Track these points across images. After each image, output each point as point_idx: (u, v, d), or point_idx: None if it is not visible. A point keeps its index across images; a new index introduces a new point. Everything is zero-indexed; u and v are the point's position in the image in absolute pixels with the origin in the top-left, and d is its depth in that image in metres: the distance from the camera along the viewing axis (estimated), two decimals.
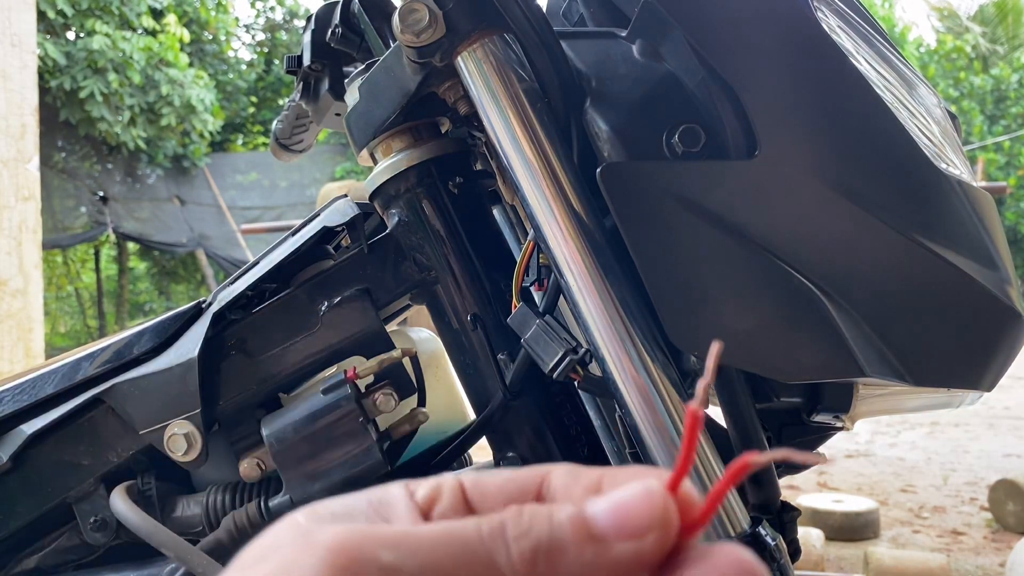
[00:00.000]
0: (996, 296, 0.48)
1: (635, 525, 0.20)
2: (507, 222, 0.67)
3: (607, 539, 0.20)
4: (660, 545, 0.21)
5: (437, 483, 0.25)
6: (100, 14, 9.90)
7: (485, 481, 0.25)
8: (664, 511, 0.21)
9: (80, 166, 10.94)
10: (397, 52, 0.54)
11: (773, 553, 0.47)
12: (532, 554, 0.21)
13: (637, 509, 0.21)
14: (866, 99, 0.46)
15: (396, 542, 0.21)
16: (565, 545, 0.21)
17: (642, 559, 0.21)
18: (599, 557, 0.20)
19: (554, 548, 0.21)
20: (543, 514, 0.21)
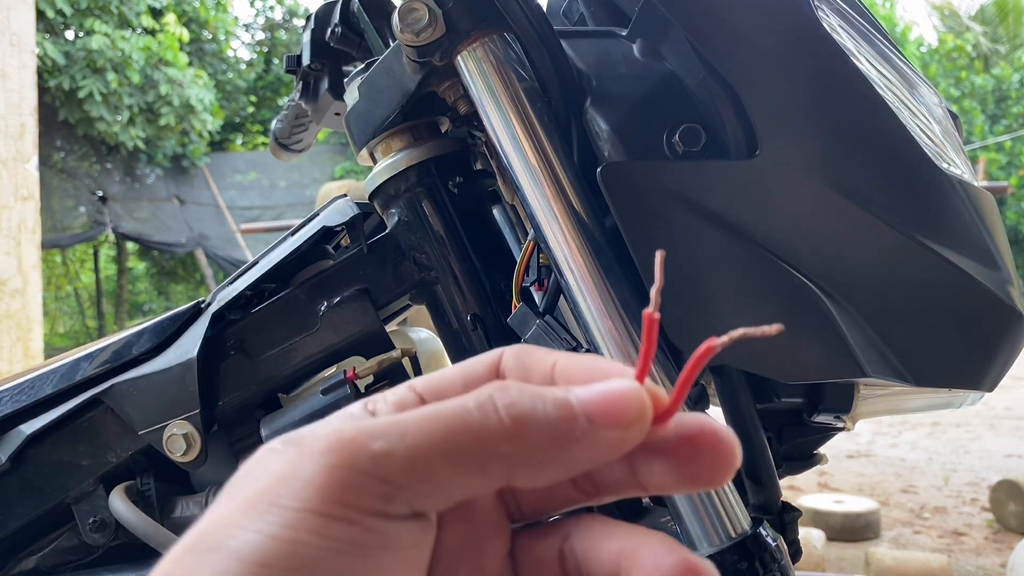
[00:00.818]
0: (997, 296, 0.48)
1: (621, 416, 0.22)
2: (507, 222, 0.66)
3: (593, 423, 0.22)
4: (639, 435, 0.22)
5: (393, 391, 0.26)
6: (99, 13, 9.89)
7: (438, 379, 0.26)
8: (644, 404, 0.22)
9: (79, 166, 10.94)
10: (397, 51, 0.53)
11: (774, 554, 0.47)
12: (524, 420, 0.22)
13: (623, 401, 0.22)
14: (867, 99, 0.46)
15: (385, 430, 0.22)
16: (554, 419, 0.22)
17: (617, 445, 0.22)
18: (581, 434, 0.22)
19: (544, 419, 0.22)
20: (529, 390, 0.22)
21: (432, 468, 0.21)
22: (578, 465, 0.22)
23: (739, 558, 0.46)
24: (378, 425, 0.22)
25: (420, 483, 0.21)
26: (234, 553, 0.20)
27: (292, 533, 0.20)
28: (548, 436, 0.22)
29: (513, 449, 0.22)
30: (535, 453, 0.22)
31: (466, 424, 0.22)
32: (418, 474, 0.21)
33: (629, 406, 0.22)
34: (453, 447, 0.21)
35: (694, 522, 0.46)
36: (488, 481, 0.22)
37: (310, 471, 0.21)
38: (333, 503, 0.21)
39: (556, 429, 0.22)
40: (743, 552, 0.46)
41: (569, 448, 0.22)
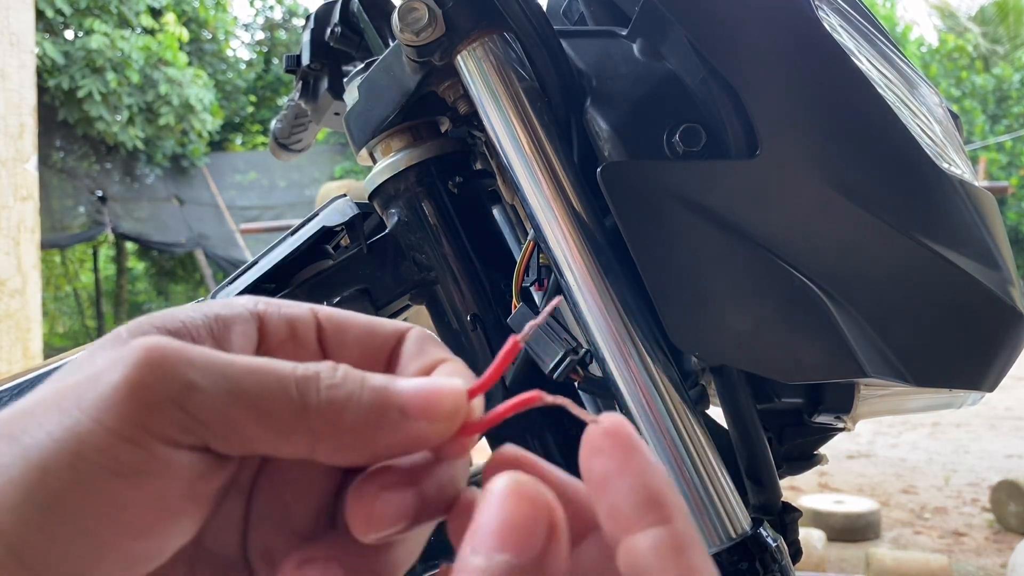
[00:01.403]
0: (998, 296, 0.47)
1: (433, 411, 0.24)
2: (507, 222, 0.66)
3: (405, 413, 0.23)
4: (443, 434, 0.24)
5: (292, 313, 0.27)
6: (99, 13, 9.89)
7: (345, 323, 0.27)
8: (456, 410, 0.24)
9: (78, 166, 10.94)
10: (396, 51, 0.53)
11: (774, 554, 0.47)
12: (340, 403, 0.23)
13: (440, 399, 0.24)
14: (868, 98, 0.46)
15: (207, 364, 0.22)
16: (369, 405, 0.23)
17: (422, 439, 0.24)
18: (393, 424, 0.23)
19: (359, 405, 0.23)
20: (357, 375, 0.24)
21: (238, 419, 0.22)
22: (382, 452, 0.24)
23: (739, 558, 0.46)
24: (203, 357, 0.22)
25: (221, 427, 0.22)
26: (24, 450, 0.21)
27: (78, 445, 0.20)
28: (357, 422, 0.23)
29: (321, 427, 0.22)
30: (340, 435, 0.23)
31: (286, 391, 0.22)
32: (222, 419, 0.22)
33: (443, 401, 0.24)
34: (266, 407, 0.22)
35: (694, 522, 0.46)
36: (290, 448, 0.23)
37: (118, 380, 0.21)
38: (127, 422, 0.21)
39: (367, 417, 0.23)
40: (743, 552, 0.46)
41: (376, 435, 0.23)
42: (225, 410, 0.21)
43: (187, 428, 0.21)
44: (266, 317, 0.26)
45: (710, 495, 0.46)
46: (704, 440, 0.47)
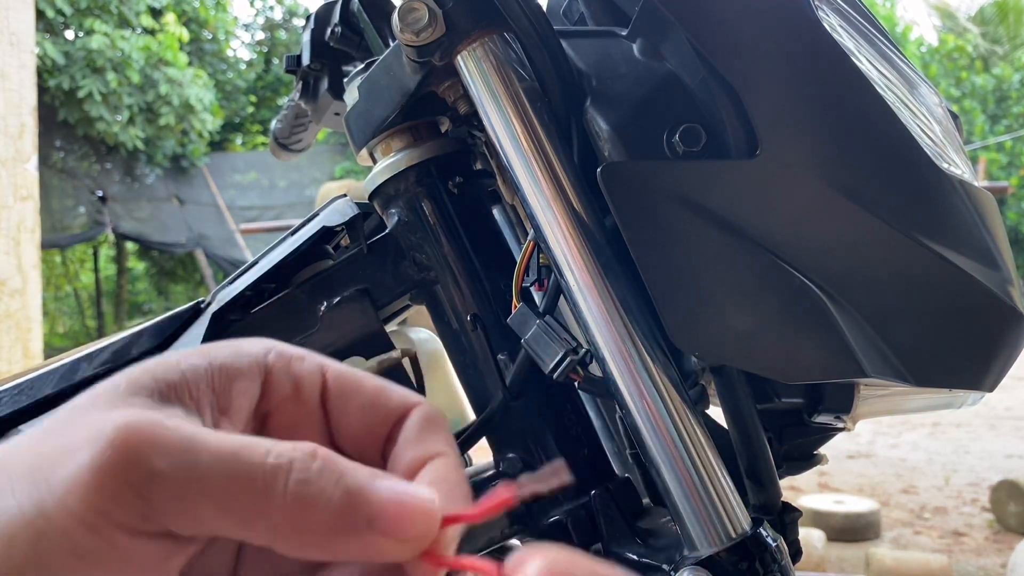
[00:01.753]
0: (998, 296, 0.47)
1: (400, 529, 0.22)
2: (507, 222, 0.66)
3: (372, 527, 0.22)
4: (406, 554, 0.23)
5: (299, 372, 0.26)
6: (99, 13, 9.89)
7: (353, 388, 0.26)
8: (425, 534, 0.23)
9: (79, 166, 10.94)
10: (396, 51, 0.53)
11: (774, 554, 0.47)
12: (306, 501, 0.22)
13: (410, 518, 0.22)
14: (867, 98, 0.46)
15: (177, 450, 0.21)
16: (336, 510, 0.22)
17: (385, 554, 0.22)
18: (358, 533, 0.22)
19: (326, 507, 0.22)
20: (334, 471, 0.22)
21: (200, 506, 0.21)
22: (341, 556, 0.23)
23: (739, 558, 0.46)
24: (177, 440, 0.22)
25: (182, 515, 0.21)
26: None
27: (43, 523, 0.21)
28: (320, 524, 0.22)
29: (281, 523, 0.22)
30: (302, 534, 0.22)
31: (251, 482, 0.21)
32: (183, 508, 0.21)
33: (414, 521, 0.22)
34: (230, 497, 0.21)
35: (694, 522, 0.46)
36: (251, 537, 0.22)
37: (86, 462, 0.21)
38: (89, 509, 0.21)
39: (332, 521, 0.22)
40: (743, 552, 0.46)
41: (338, 540, 0.22)
42: (188, 499, 0.21)
43: (147, 517, 0.21)
44: (273, 372, 0.26)
45: (710, 495, 0.46)
46: (704, 440, 0.47)
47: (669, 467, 0.46)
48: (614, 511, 0.54)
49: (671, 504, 0.47)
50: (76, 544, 0.21)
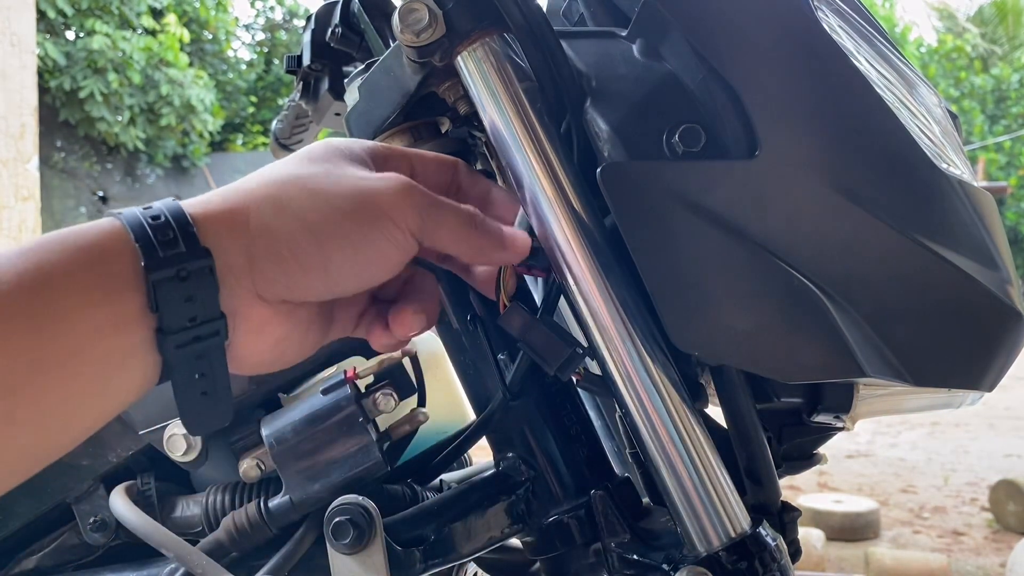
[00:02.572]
0: (997, 296, 0.48)
1: (517, 249, 0.48)
2: None
3: (504, 246, 0.48)
4: (508, 260, 0.49)
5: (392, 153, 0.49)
6: (100, 14, 9.89)
7: (426, 159, 0.51)
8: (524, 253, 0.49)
9: (80, 166, 10.93)
10: (397, 52, 0.54)
11: (773, 553, 0.47)
12: (484, 233, 0.47)
13: (523, 245, 0.49)
14: (867, 99, 0.46)
15: (434, 200, 0.46)
16: (494, 238, 0.47)
17: (504, 260, 0.49)
18: (498, 248, 0.47)
19: (491, 236, 0.47)
20: (491, 222, 0.48)
21: (443, 231, 0.46)
22: (486, 260, 0.49)
23: (739, 558, 0.46)
24: (431, 196, 0.46)
25: (434, 233, 0.45)
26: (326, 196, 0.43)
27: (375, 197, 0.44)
28: (488, 244, 0.47)
29: (474, 242, 0.47)
30: (479, 249, 0.47)
31: (466, 220, 0.46)
32: (437, 229, 0.45)
33: (523, 245, 0.49)
34: (456, 227, 0.46)
35: (693, 522, 0.47)
36: (458, 250, 0.47)
37: (399, 186, 0.44)
38: (400, 206, 0.44)
39: (493, 243, 0.48)
40: (743, 552, 0.46)
41: (491, 251, 0.48)
42: (439, 225, 0.44)
43: (420, 229, 0.43)
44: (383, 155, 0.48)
45: (709, 494, 0.46)
46: (703, 439, 0.47)
47: (669, 467, 0.47)
48: (614, 511, 0.54)
49: (671, 504, 0.47)
50: (388, 219, 0.42)
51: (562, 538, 0.55)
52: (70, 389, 0.35)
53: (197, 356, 0.38)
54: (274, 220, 0.40)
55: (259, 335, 0.41)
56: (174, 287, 0.36)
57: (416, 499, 0.60)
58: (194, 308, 0.37)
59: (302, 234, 0.40)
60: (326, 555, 0.52)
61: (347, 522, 0.51)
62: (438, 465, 0.61)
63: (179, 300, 0.36)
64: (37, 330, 0.33)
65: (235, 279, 0.39)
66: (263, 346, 0.42)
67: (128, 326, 0.36)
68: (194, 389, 0.39)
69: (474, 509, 0.56)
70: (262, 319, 0.41)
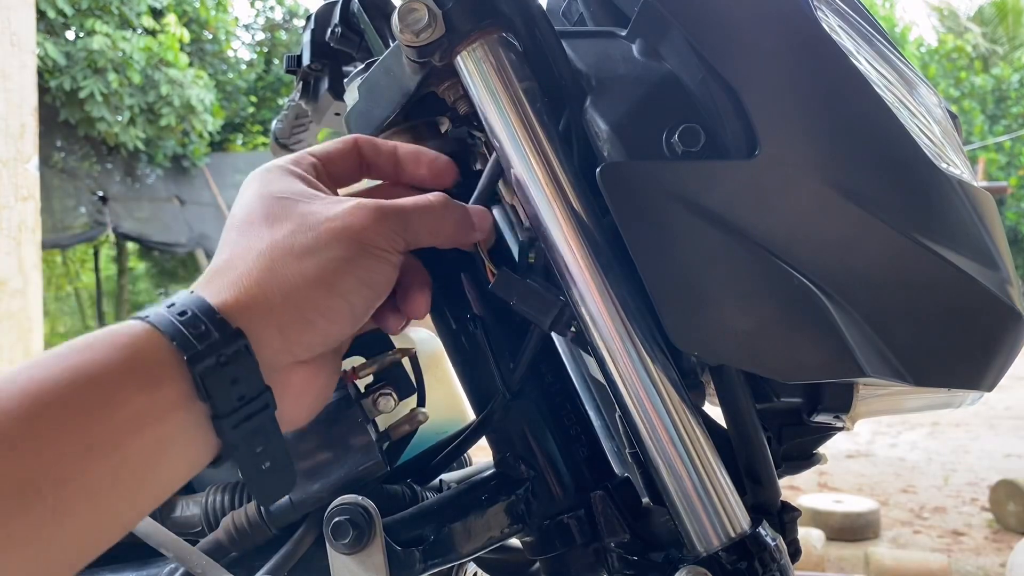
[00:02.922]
0: (997, 296, 0.48)
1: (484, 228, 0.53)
2: (507, 222, 0.66)
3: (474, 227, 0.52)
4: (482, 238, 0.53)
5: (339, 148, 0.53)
6: (100, 14, 9.88)
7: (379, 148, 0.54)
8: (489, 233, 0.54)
9: (79, 166, 10.93)
10: (396, 52, 0.54)
11: (773, 553, 0.47)
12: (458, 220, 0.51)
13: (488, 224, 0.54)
14: (866, 99, 0.46)
15: (398, 208, 0.48)
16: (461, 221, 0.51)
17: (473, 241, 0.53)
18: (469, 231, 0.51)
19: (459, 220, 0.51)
20: (457, 206, 0.52)
21: (422, 231, 0.49)
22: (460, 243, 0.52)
23: (738, 558, 0.46)
24: (393, 206, 0.48)
25: (414, 236, 0.48)
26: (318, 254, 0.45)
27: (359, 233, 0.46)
28: (458, 228, 0.51)
29: (447, 229, 0.50)
30: (453, 235, 0.51)
31: (437, 213, 0.49)
32: (416, 233, 0.48)
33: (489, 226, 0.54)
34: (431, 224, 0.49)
35: (693, 522, 0.47)
36: (438, 241, 0.50)
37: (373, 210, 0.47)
38: (383, 233, 0.46)
39: (461, 226, 0.51)
40: (742, 551, 0.46)
41: (463, 234, 0.51)
42: (416, 228, 0.47)
43: (402, 239, 0.47)
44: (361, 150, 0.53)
45: (709, 494, 0.46)
46: (703, 439, 0.47)
47: (668, 467, 0.47)
48: (614, 511, 0.54)
49: (670, 504, 0.47)
50: (376, 248, 0.45)
51: (562, 538, 0.55)
52: (119, 476, 0.36)
53: (253, 432, 0.41)
54: (283, 288, 0.42)
55: (303, 395, 0.46)
56: (218, 373, 0.39)
57: (416, 499, 0.60)
58: (240, 388, 0.40)
59: (314, 289, 0.42)
60: (326, 555, 0.52)
61: (347, 522, 0.51)
62: (438, 465, 0.61)
63: (226, 384, 0.39)
64: (84, 423, 0.35)
65: (272, 352, 0.42)
66: (308, 400, 0.46)
67: (170, 414, 0.38)
68: (257, 463, 0.42)
69: (474, 509, 0.56)
70: (303, 379, 0.45)
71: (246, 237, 0.44)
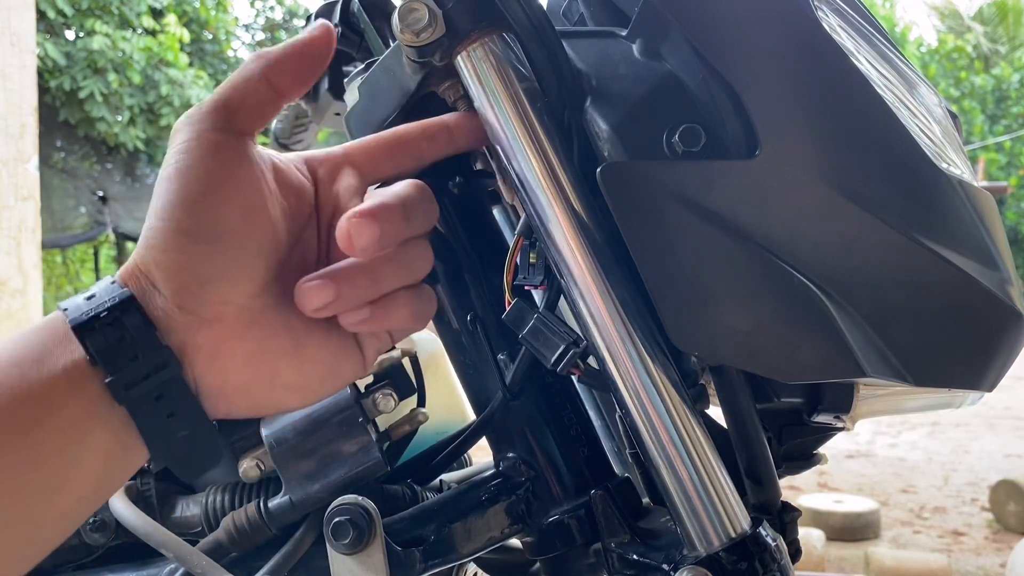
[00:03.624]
0: (997, 296, 0.48)
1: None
2: (507, 222, 0.66)
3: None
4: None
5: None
6: (100, 14, 9.88)
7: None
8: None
9: (79, 166, 10.93)
10: (396, 52, 0.54)
11: (773, 553, 0.47)
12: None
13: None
14: (867, 99, 0.46)
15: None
16: None
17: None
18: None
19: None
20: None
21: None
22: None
23: (739, 558, 0.46)
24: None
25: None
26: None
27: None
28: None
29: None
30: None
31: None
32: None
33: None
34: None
35: (694, 522, 0.46)
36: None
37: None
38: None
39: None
40: (743, 552, 0.46)
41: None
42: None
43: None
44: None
45: (709, 494, 0.46)
46: (703, 439, 0.47)
47: (669, 467, 0.47)
48: (614, 511, 0.54)
49: (671, 504, 0.47)
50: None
51: (562, 538, 0.55)
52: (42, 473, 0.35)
53: (157, 397, 0.38)
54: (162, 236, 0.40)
55: (216, 358, 0.41)
56: (104, 333, 0.37)
57: (416, 499, 0.60)
58: (129, 348, 0.37)
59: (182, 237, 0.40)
60: (326, 555, 0.52)
61: (347, 522, 0.51)
62: (438, 465, 0.61)
63: (113, 344, 0.37)
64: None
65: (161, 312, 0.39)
66: (231, 368, 0.41)
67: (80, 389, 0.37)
68: (170, 431, 0.39)
69: (474, 509, 0.56)
70: (213, 340, 0.40)
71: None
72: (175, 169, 0.40)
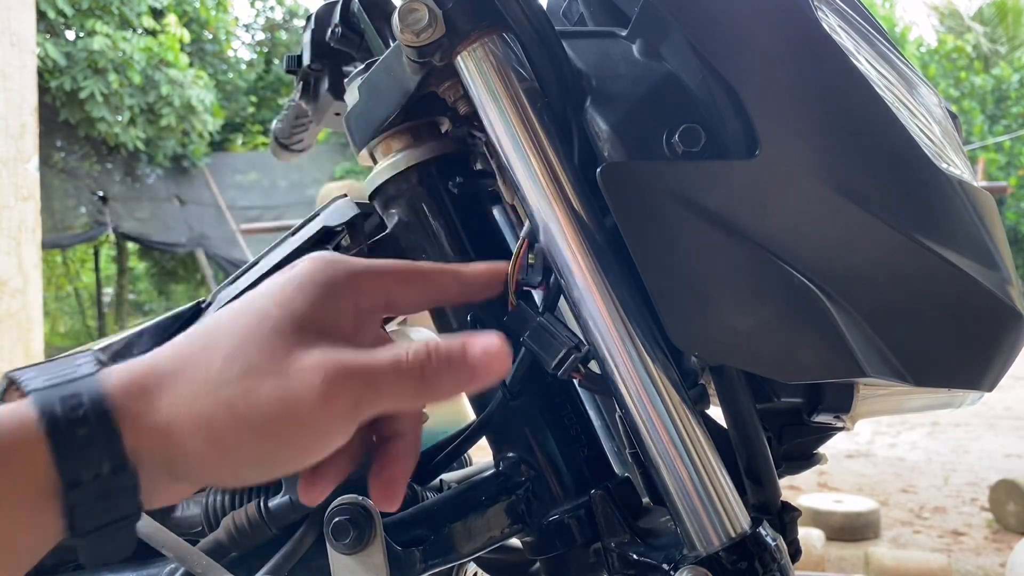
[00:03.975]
0: (997, 296, 0.48)
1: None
2: (507, 222, 0.66)
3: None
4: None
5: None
6: (100, 14, 9.88)
7: None
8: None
9: (80, 166, 10.93)
10: (397, 52, 0.54)
11: (773, 553, 0.47)
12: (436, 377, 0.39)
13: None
14: (867, 99, 0.46)
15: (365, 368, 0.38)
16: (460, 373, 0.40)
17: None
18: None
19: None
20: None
21: (381, 400, 0.39)
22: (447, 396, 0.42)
23: (738, 557, 0.46)
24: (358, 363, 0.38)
25: (372, 405, 0.39)
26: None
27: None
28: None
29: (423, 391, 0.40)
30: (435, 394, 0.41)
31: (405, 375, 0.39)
32: (375, 401, 0.39)
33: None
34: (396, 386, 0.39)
35: (694, 522, 0.47)
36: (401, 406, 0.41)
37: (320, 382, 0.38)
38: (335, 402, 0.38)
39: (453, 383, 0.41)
40: (742, 551, 0.46)
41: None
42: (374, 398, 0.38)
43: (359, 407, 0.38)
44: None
45: (709, 494, 0.46)
46: (703, 439, 0.47)
47: (669, 467, 0.47)
48: (614, 511, 0.54)
49: (671, 504, 0.47)
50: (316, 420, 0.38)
51: (562, 538, 0.55)
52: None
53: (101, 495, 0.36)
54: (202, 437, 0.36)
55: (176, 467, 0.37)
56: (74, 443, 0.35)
57: (416, 499, 0.60)
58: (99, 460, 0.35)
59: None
60: (326, 555, 0.52)
61: (347, 522, 0.51)
62: (438, 465, 0.61)
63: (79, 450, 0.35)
64: None
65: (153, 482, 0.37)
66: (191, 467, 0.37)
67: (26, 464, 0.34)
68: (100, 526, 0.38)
69: (474, 509, 0.56)
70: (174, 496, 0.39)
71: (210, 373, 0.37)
72: None
